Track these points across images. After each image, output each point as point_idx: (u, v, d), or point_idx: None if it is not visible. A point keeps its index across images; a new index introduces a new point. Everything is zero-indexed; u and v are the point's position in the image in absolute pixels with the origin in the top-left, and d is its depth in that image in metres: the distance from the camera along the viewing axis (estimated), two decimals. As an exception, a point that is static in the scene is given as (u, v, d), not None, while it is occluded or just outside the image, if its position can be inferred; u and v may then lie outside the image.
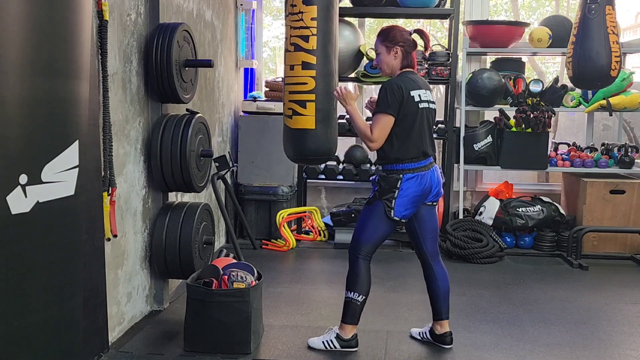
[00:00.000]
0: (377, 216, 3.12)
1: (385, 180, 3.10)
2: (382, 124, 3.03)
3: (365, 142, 3.11)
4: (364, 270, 3.13)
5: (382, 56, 3.16)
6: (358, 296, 3.13)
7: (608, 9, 3.87)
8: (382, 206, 3.09)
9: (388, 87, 3.05)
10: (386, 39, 3.14)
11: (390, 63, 3.15)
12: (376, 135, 3.04)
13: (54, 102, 2.36)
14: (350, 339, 3.18)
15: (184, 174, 3.50)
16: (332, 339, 3.18)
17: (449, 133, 5.44)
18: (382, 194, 3.10)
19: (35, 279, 2.33)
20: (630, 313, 3.84)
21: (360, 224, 3.19)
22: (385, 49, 3.14)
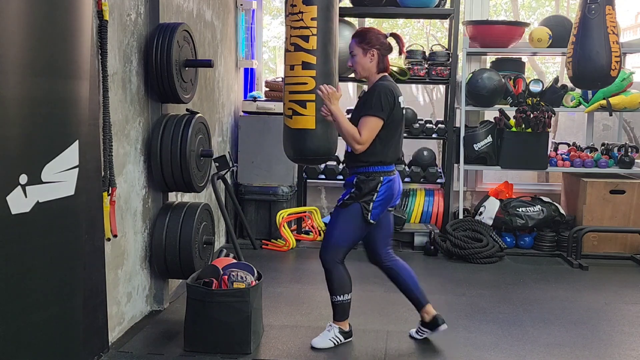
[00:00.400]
0: (354, 220, 3.12)
1: (366, 183, 3.09)
2: (372, 126, 3.03)
3: (351, 144, 3.06)
4: (344, 272, 3.21)
5: (358, 58, 3.13)
6: (346, 296, 3.21)
7: (608, 9, 3.87)
8: (360, 209, 3.10)
9: (382, 91, 3.06)
10: (363, 41, 3.12)
11: (366, 65, 3.13)
12: (365, 137, 3.03)
13: (54, 102, 2.36)
14: (350, 330, 3.31)
15: (184, 174, 3.50)
16: (337, 334, 3.23)
17: (449, 133, 5.44)
18: (360, 196, 3.09)
19: (35, 279, 2.33)
20: (630, 313, 3.84)
21: (337, 227, 3.15)
22: (361, 51, 3.12)
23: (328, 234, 3.19)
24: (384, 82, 3.13)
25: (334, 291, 3.21)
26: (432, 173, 5.47)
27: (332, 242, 3.16)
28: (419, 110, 5.90)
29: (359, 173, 3.13)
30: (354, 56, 3.14)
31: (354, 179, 3.14)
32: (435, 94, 8.39)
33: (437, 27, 11.10)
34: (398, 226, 5.23)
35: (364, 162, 3.11)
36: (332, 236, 3.17)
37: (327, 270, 3.20)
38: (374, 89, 3.09)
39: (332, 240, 3.17)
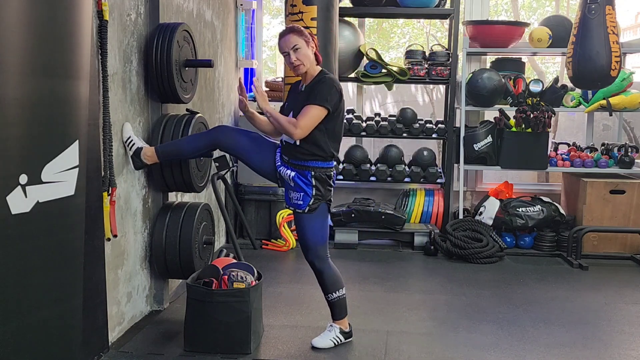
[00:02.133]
0: (323, 216, 3.15)
1: (323, 181, 3.09)
2: (314, 115, 2.97)
3: (289, 130, 2.96)
4: (334, 268, 3.23)
5: (304, 50, 3.01)
6: (341, 291, 3.22)
7: (608, 9, 3.87)
8: (327, 206, 3.15)
9: (330, 81, 3.02)
10: (302, 34, 3.03)
11: (310, 57, 3.05)
12: (303, 122, 2.95)
13: (54, 102, 2.36)
14: (350, 330, 3.29)
15: (184, 174, 3.50)
16: (338, 334, 3.23)
17: (449, 133, 5.44)
18: (324, 195, 3.11)
19: (35, 279, 2.34)
20: (630, 313, 3.84)
21: (313, 232, 3.14)
22: (305, 44, 3.02)
23: (305, 238, 3.16)
24: (330, 75, 3.08)
25: (328, 289, 3.22)
26: (432, 173, 5.47)
27: (313, 243, 3.15)
28: (419, 110, 5.90)
29: (311, 168, 3.06)
30: (298, 49, 3.00)
31: (308, 176, 3.06)
32: (435, 94, 8.40)
33: (437, 27, 11.11)
34: (398, 226, 5.23)
35: (318, 156, 3.06)
36: (309, 239, 3.15)
37: (318, 271, 3.20)
38: (322, 81, 3.02)
39: (312, 241, 3.15)
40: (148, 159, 3.26)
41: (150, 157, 3.27)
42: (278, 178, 3.21)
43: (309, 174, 3.07)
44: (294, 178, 3.09)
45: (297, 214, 3.14)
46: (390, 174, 5.51)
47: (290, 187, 3.12)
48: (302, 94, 3.10)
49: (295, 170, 3.09)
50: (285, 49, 3.03)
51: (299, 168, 3.08)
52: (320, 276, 3.21)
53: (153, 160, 3.27)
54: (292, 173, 3.09)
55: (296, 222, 3.19)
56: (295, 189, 3.10)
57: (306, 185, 3.07)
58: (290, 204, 3.15)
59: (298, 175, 3.08)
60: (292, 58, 3.02)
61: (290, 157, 3.11)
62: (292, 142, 3.06)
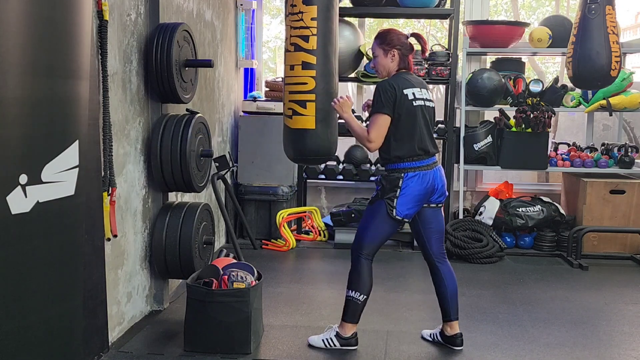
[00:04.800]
0: (379, 216, 3.12)
1: (387, 180, 3.11)
2: (378, 124, 3.06)
3: (364, 144, 3.12)
4: (366, 269, 3.15)
5: (380, 59, 3.18)
6: (359, 295, 3.14)
7: (608, 9, 3.87)
8: (385, 206, 3.09)
9: (381, 87, 3.08)
10: (383, 42, 3.16)
11: (387, 66, 3.17)
12: (373, 135, 3.06)
13: (54, 102, 2.36)
14: (350, 337, 3.20)
15: (184, 174, 3.50)
16: (332, 337, 3.20)
17: (449, 133, 5.44)
18: (384, 193, 3.11)
19: (35, 279, 2.33)
20: (630, 313, 3.84)
21: (363, 224, 3.20)
22: (382, 52, 3.16)
23: (359, 229, 3.22)
24: (385, 80, 3.15)
25: (350, 285, 3.18)
26: (432, 173, 5.46)
27: (358, 237, 3.19)
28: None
29: (382, 171, 3.22)
30: (376, 57, 3.19)
31: (379, 177, 3.20)
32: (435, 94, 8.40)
33: (437, 27, 11.10)
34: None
35: (384, 159, 3.17)
36: (361, 228, 3.21)
37: (352, 262, 3.19)
38: (376, 87, 3.11)
39: (358, 235, 3.20)
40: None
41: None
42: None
43: (379, 177, 3.20)
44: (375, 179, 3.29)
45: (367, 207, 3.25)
46: (390, 174, 5.50)
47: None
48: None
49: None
50: (372, 52, 3.25)
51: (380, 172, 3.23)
52: (352, 268, 3.20)
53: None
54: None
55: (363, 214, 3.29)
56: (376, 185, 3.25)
57: (377, 184, 3.20)
58: None
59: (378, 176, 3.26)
60: (372, 64, 3.27)
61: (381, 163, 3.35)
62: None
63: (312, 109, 3.33)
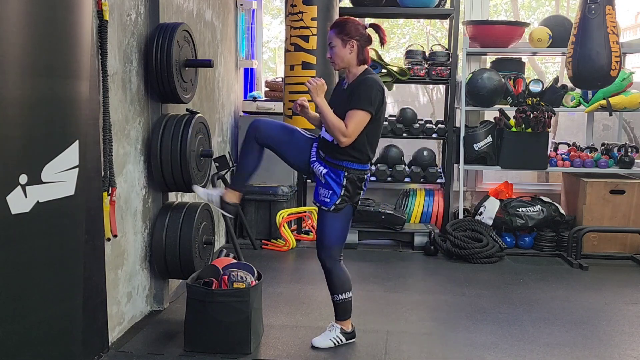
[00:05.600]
0: (346, 218, 3.12)
1: (354, 184, 3.06)
2: (360, 120, 2.95)
3: (337, 136, 2.94)
4: (344, 270, 3.21)
5: (337, 49, 3.01)
6: (348, 294, 3.21)
7: (608, 9, 3.87)
8: (352, 208, 3.12)
9: (375, 85, 2.98)
10: (342, 32, 3.01)
11: (345, 57, 3.02)
12: (351, 130, 2.93)
13: (54, 102, 2.36)
14: (352, 330, 3.28)
15: (184, 174, 3.50)
16: (339, 334, 3.23)
17: (449, 133, 5.44)
18: (351, 198, 3.08)
19: (35, 279, 2.34)
20: (630, 313, 3.84)
21: (331, 230, 3.12)
22: (340, 42, 3.00)
23: (323, 235, 3.15)
24: (373, 76, 3.04)
25: (335, 290, 3.20)
26: (432, 173, 5.47)
27: (328, 243, 3.14)
28: (419, 110, 5.89)
29: (345, 168, 3.04)
30: (333, 47, 3.02)
31: (341, 177, 3.04)
32: (435, 94, 8.40)
33: (437, 27, 11.10)
34: (398, 226, 5.23)
35: (354, 158, 3.04)
36: (327, 237, 3.14)
37: (327, 270, 3.19)
38: (365, 82, 3.00)
39: (328, 241, 3.14)
40: (233, 198, 3.22)
41: (231, 196, 3.23)
42: (310, 172, 3.18)
43: (342, 174, 3.05)
44: (325, 175, 3.07)
45: (322, 211, 3.13)
46: (390, 174, 5.51)
47: (321, 183, 3.11)
48: (344, 92, 3.07)
49: (329, 167, 3.06)
50: (328, 42, 3.08)
51: (333, 166, 3.06)
52: (328, 275, 3.20)
53: (237, 196, 3.24)
54: (325, 170, 3.07)
55: (318, 218, 3.18)
56: (325, 186, 3.08)
57: (337, 184, 3.05)
58: (318, 199, 3.13)
59: (330, 172, 3.06)
60: (327, 54, 3.09)
61: (326, 154, 3.08)
62: (330, 139, 3.04)
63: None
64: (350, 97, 2.99)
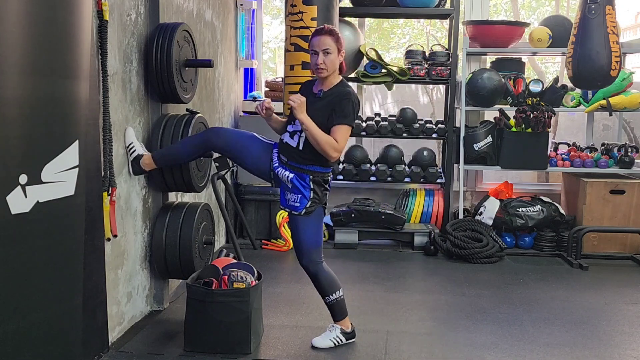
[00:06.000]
0: (318, 220, 3.14)
1: (320, 185, 3.09)
2: (346, 134, 2.99)
3: (328, 152, 2.96)
4: (328, 271, 3.21)
5: (333, 57, 2.98)
6: (338, 293, 3.21)
7: (608, 9, 3.87)
8: (322, 209, 3.15)
9: (352, 98, 3.00)
10: (338, 40, 3.01)
11: (336, 65, 3.02)
12: (342, 144, 2.97)
13: (54, 102, 2.36)
14: (352, 330, 3.28)
15: (184, 174, 3.50)
16: (339, 335, 3.23)
17: (449, 133, 5.44)
18: (321, 199, 3.11)
19: (35, 279, 2.33)
20: (630, 313, 3.84)
21: (307, 234, 3.12)
22: (337, 51, 3.00)
23: (299, 241, 3.14)
24: (349, 88, 3.05)
25: (325, 292, 3.21)
26: (432, 173, 5.47)
27: (307, 247, 3.13)
28: (419, 110, 5.90)
29: (310, 172, 3.05)
30: (329, 54, 2.97)
31: (307, 180, 3.05)
32: (435, 94, 8.41)
33: (437, 27, 11.10)
34: (398, 226, 5.23)
35: (315, 161, 3.05)
36: (304, 242, 3.13)
37: (313, 275, 3.19)
38: (346, 96, 2.99)
39: (306, 245, 3.13)
40: (146, 165, 3.30)
41: (148, 164, 3.30)
42: (272, 178, 3.20)
43: (307, 177, 3.07)
44: (292, 180, 3.08)
45: (293, 216, 3.13)
46: (390, 174, 5.51)
47: (288, 188, 3.11)
48: (319, 100, 3.05)
49: (294, 172, 3.08)
50: (316, 48, 2.98)
51: (298, 170, 3.07)
52: (315, 280, 3.20)
53: (151, 167, 3.31)
54: (291, 175, 3.08)
55: (291, 224, 3.17)
56: (293, 191, 3.09)
57: (304, 188, 3.07)
58: (287, 205, 3.13)
59: (296, 177, 3.07)
60: (319, 60, 2.98)
61: (288, 158, 3.09)
62: (294, 145, 3.06)
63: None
64: (330, 108, 2.99)
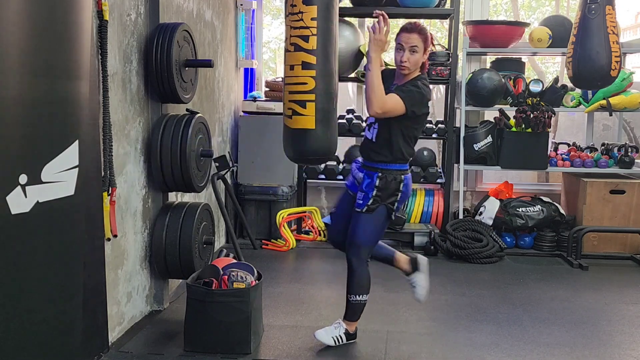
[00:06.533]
0: (380, 220, 3.11)
1: (388, 184, 3.05)
2: (396, 103, 2.90)
3: (373, 105, 2.88)
4: (367, 273, 3.17)
5: (419, 55, 2.96)
6: (364, 297, 3.19)
7: (608, 9, 3.87)
8: (387, 210, 3.09)
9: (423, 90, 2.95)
10: (425, 40, 2.96)
11: (419, 64, 3.00)
12: (389, 107, 2.88)
13: (54, 102, 2.36)
14: (355, 332, 3.28)
15: (184, 174, 3.50)
16: (341, 334, 3.22)
17: (449, 133, 5.43)
18: (384, 198, 3.07)
19: (35, 279, 2.34)
20: (630, 313, 3.84)
21: (363, 230, 3.11)
22: (423, 49, 2.96)
23: (355, 235, 3.13)
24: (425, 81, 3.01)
25: (353, 290, 3.17)
26: (432, 173, 5.47)
27: (359, 243, 3.12)
28: (419, 110, 5.88)
29: (379, 169, 3.06)
30: (415, 52, 2.95)
31: (374, 177, 3.05)
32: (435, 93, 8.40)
33: (437, 27, 11.10)
34: (398, 226, 5.23)
35: (386, 157, 3.03)
36: (359, 237, 3.12)
37: (352, 269, 3.16)
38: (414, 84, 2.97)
39: (359, 241, 3.12)
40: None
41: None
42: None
43: (375, 175, 3.07)
44: (362, 178, 3.12)
45: (356, 213, 3.13)
46: (390, 174, 5.50)
47: (360, 188, 3.13)
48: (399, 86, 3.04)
49: (365, 171, 3.11)
50: (404, 43, 2.96)
51: (368, 169, 3.10)
52: (351, 274, 3.17)
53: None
54: (361, 174, 3.13)
55: (352, 219, 3.16)
56: (361, 188, 3.11)
57: (370, 186, 3.07)
58: (355, 203, 3.14)
59: (366, 175, 3.10)
60: (404, 57, 2.96)
61: (364, 157, 3.13)
62: (369, 137, 3.09)
63: (312, 109, 3.32)
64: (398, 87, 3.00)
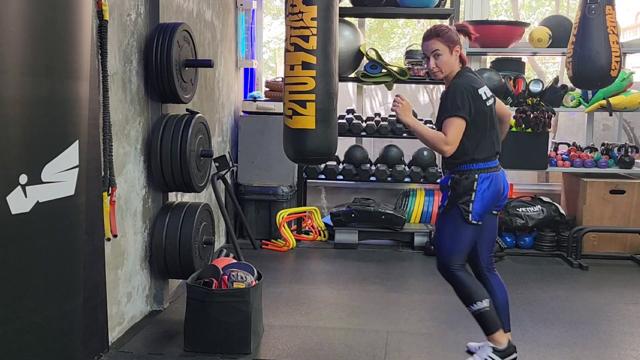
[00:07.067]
0: (455, 224, 2.93)
1: (459, 183, 2.93)
2: (456, 127, 2.84)
3: (439, 147, 2.86)
4: (467, 278, 2.96)
5: (445, 57, 2.91)
6: (481, 303, 2.94)
7: (608, 9, 3.87)
8: (460, 212, 2.91)
9: (458, 89, 2.88)
10: (449, 40, 2.91)
11: (452, 65, 2.93)
12: (451, 138, 2.83)
13: (54, 102, 2.36)
14: (507, 346, 2.99)
15: (184, 174, 3.50)
16: (490, 355, 2.97)
17: (449, 133, 5.43)
18: (457, 198, 2.91)
19: (35, 279, 2.33)
20: (630, 313, 3.84)
21: (441, 237, 3.00)
22: (448, 50, 2.91)
23: (438, 246, 3.02)
24: (459, 79, 2.94)
25: (464, 301, 2.98)
26: (432, 173, 5.47)
27: (444, 253, 2.97)
28: (419, 110, 5.90)
29: (454, 172, 2.97)
30: (439, 56, 2.91)
31: (448, 179, 2.99)
32: (435, 93, 8.40)
33: (437, 27, 11.08)
34: (398, 226, 5.23)
35: (456, 160, 2.94)
36: (441, 247, 2.99)
37: (451, 283, 2.99)
38: (450, 89, 2.92)
39: (443, 251, 2.98)
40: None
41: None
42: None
43: (448, 177, 3.00)
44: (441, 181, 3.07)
45: (438, 217, 3.06)
46: (390, 174, 5.51)
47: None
48: (442, 98, 3.01)
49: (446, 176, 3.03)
50: (426, 52, 2.95)
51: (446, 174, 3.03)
52: (454, 287, 2.99)
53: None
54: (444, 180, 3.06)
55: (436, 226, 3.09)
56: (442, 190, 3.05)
57: (445, 189, 3.00)
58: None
59: (444, 179, 3.04)
60: (432, 64, 2.95)
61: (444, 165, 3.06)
62: None
63: (312, 109, 3.32)
64: (442, 106, 2.95)
